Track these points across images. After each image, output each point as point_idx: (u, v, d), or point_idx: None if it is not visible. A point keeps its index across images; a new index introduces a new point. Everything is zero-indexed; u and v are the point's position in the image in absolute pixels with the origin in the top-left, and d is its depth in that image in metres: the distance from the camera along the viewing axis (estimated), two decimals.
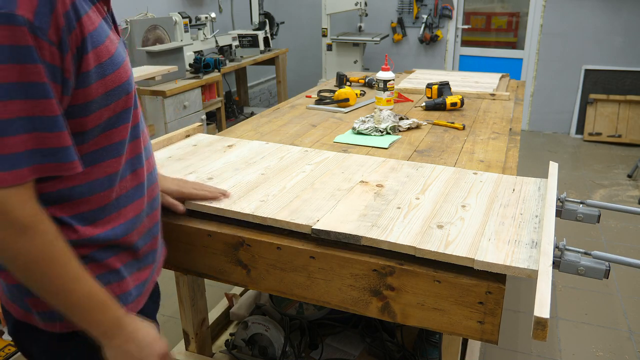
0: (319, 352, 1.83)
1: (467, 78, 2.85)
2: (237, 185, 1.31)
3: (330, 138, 1.91)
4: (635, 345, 2.31)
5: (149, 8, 4.05)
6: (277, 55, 5.03)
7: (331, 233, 1.07)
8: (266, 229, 1.15)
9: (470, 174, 1.39)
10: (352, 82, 2.90)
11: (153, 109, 3.38)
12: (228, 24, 5.30)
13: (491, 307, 0.96)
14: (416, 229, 1.07)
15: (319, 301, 1.11)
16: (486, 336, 0.99)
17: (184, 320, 1.71)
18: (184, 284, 1.65)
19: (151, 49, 3.33)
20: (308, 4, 5.96)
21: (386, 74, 2.23)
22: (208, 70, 3.87)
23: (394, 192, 1.27)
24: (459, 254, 0.97)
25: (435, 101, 2.29)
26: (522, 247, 1.00)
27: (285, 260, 1.10)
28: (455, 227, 1.08)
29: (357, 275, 1.04)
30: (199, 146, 1.63)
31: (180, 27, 3.85)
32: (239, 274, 1.17)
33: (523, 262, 0.95)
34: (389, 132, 1.94)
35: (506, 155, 1.70)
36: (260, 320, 1.79)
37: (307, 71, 6.19)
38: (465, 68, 5.57)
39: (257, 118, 2.24)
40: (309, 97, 2.61)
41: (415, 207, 1.18)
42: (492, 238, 1.03)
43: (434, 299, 1.00)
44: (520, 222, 1.11)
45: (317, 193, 1.26)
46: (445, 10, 5.37)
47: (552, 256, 0.95)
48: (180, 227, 1.19)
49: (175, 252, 1.22)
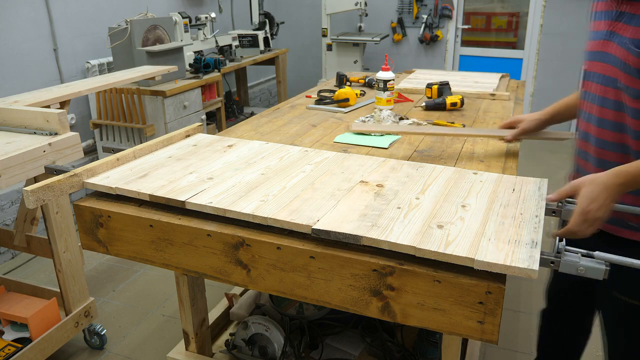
0: (319, 352, 1.83)
1: (467, 78, 2.85)
2: (237, 185, 1.31)
3: (330, 138, 1.91)
4: None
5: (149, 8, 4.05)
6: (277, 55, 5.03)
7: (331, 233, 1.07)
8: (266, 229, 1.15)
9: (471, 173, 1.39)
10: (352, 82, 2.90)
11: (153, 109, 3.38)
12: (228, 24, 5.30)
13: (491, 307, 0.96)
14: (416, 229, 1.07)
15: (319, 301, 1.11)
16: (486, 336, 0.99)
17: (184, 320, 1.71)
18: (184, 284, 1.65)
19: (151, 49, 3.33)
20: (308, 4, 5.96)
21: (386, 74, 2.23)
22: (208, 70, 3.87)
23: (394, 192, 1.27)
24: (459, 254, 0.97)
25: (435, 101, 2.29)
26: (522, 247, 1.00)
27: (285, 260, 1.10)
28: (455, 227, 1.08)
29: (357, 275, 1.04)
30: (199, 146, 1.63)
31: (180, 27, 3.85)
32: (239, 274, 1.16)
33: (523, 262, 0.95)
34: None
35: (506, 155, 1.70)
36: (260, 320, 1.79)
37: (307, 71, 6.19)
38: (465, 68, 5.57)
39: (257, 118, 2.24)
40: (309, 97, 2.61)
41: (415, 207, 1.18)
42: (492, 238, 1.03)
43: (434, 299, 1.00)
44: (520, 222, 1.11)
45: (317, 193, 1.26)
46: (445, 10, 5.37)
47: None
48: (180, 227, 1.19)
49: (175, 252, 1.22)
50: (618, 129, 1.19)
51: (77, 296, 2.14)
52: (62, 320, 2.09)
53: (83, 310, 2.17)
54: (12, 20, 3.09)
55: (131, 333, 2.44)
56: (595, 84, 1.24)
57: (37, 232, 2.26)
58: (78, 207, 1.30)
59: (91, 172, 1.37)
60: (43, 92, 2.19)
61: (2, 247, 2.59)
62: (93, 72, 3.56)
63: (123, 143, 3.49)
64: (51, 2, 3.30)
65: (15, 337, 2.04)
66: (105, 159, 1.43)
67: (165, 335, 2.42)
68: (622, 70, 1.14)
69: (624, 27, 1.13)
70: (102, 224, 1.29)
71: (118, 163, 1.46)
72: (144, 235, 1.24)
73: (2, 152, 1.61)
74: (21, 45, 3.15)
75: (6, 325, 2.09)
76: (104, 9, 3.72)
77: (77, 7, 3.51)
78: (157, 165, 1.46)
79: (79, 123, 3.60)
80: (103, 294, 2.75)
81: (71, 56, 3.49)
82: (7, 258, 3.10)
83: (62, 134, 1.79)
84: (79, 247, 2.09)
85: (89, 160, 3.60)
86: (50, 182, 1.26)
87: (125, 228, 1.26)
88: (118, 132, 3.50)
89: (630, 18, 1.12)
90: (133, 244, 1.27)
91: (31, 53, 3.22)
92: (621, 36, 1.14)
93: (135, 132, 3.46)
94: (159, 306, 2.65)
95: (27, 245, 2.23)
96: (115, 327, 2.47)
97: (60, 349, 2.12)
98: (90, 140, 3.68)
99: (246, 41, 4.76)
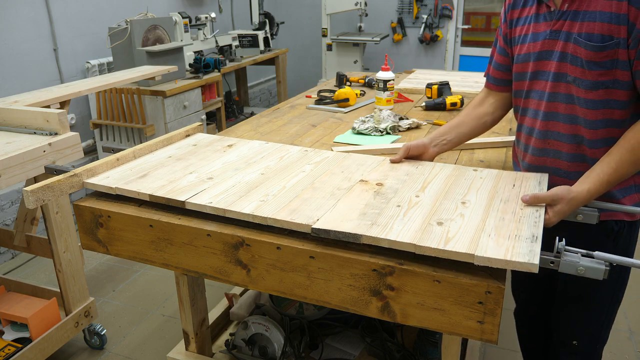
0: (319, 352, 1.83)
1: (467, 78, 2.85)
2: (237, 185, 1.31)
3: (330, 138, 1.91)
4: (635, 345, 2.31)
5: (149, 8, 4.05)
6: (277, 55, 5.03)
7: (331, 232, 1.07)
8: (266, 229, 1.15)
9: (470, 170, 1.39)
10: (352, 82, 2.90)
11: (153, 109, 3.38)
12: (228, 24, 5.30)
13: (491, 307, 0.96)
14: (416, 227, 1.07)
15: (319, 301, 1.11)
16: (486, 336, 0.99)
17: (184, 320, 1.71)
18: (184, 284, 1.65)
19: (151, 49, 3.33)
20: (308, 4, 5.96)
21: (386, 74, 2.23)
22: (208, 70, 3.87)
23: (394, 190, 1.27)
24: (459, 250, 0.97)
25: (435, 101, 2.29)
26: (523, 242, 1.00)
27: (285, 260, 1.10)
28: (455, 223, 1.08)
29: (356, 275, 1.04)
30: (199, 146, 1.63)
31: (180, 27, 3.85)
32: (238, 273, 1.16)
33: (523, 256, 0.95)
34: (389, 132, 1.94)
35: (506, 155, 1.70)
36: (260, 320, 1.79)
37: (307, 71, 6.19)
38: (465, 68, 5.57)
39: (257, 118, 2.24)
40: (309, 97, 2.61)
41: (415, 205, 1.18)
42: (492, 234, 1.03)
43: (433, 299, 1.00)
44: (520, 217, 1.11)
45: (316, 192, 1.26)
46: (445, 10, 5.37)
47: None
48: (180, 227, 1.19)
49: (175, 252, 1.22)
50: (570, 121, 1.27)
51: (77, 296, 2.15)
52: (62, 320, 2.09)
53: (83, 310, 2.17)
54: (12, 20, 3.09)
55: (131, 333, 2.44)
56: (544, 81, 1.31)
57: (37, 232, 2.26)
58: (78, 207, 1.30)
59: (91, 172, 1.37)
60: (43, 92, 2.19)
61: (2, 247, 2.59)
62: (93, 72, 3.56)
63: (123, 143, 3.49)
64: (51, 2, 3.30)
65: (15, 337, 2.04)
66: (105, 159, 1.43)
67: (165, 335, 2.42)
68: (572, 64, 1.22)
69: (570, 24, 1.22)
70: (102, 224, 1.29)
71: (118, 163, 1.46)
72: (144, 235, 1.24)
73: (2, 152, 1.61)
74: (21, 45, 3.15)
75: (6, 325, 2.09)
76: (104, 9, 3.72)
77: (77, 7, 3.51)
78: (157, 165, 1.46)
79: (79, 123, 3.60)
80: (103, 294, 2.75)
81: (71, 56, 3.49)
82: (7, 258, 3.10)
83: (62, 134, 1.79)
84: (79, 247, 2.10)
85: (89, 160, 3.60)
86: (50, 182, 1.26)
87: (125, 228, 1.26)
88: (118, 132, 3.50)
89: (574, 15, 1.21)
90: (133, 244, 1.27)
91: (31, 53, 3.22)
92: (567, 33, 1.22)
93: (135, 132, 3.46)
94: (159, 306, 2.65)
95: (27, 245, 2.23)
96: (115, 327, 2.47)
97: (60, 349, 2.12)
98: (90, 140, 3.68)
99: (246, 41, 4.76)
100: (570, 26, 1.21)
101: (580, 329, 1.46)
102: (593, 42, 1.16)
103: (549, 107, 1.30)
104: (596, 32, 1.16)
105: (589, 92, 1.21)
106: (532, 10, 1.33)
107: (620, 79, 1.17)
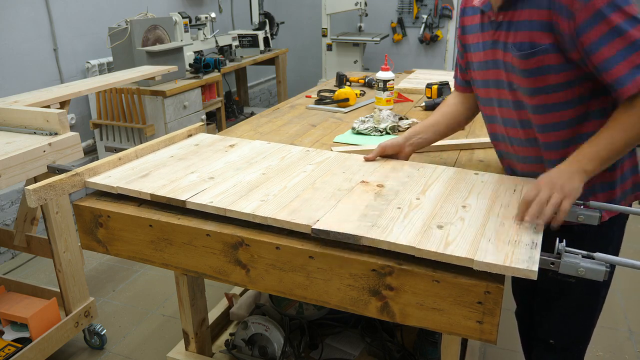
0: (318, 352, 1.84)
1: None
2: (237, 184, 1.31)
3: (330, 138, 1.91)
4: (635, 345, 2.31)
5: (149, 8, 4.05)
6: (277, 55, 5.03)
7: (331, 233, 1.07)
8: (265, 229, 1.15)
9: (472, 174, 1.39)
10: (352, 82, 2.90)
11: (153, 109, 3.38)
12: (228, 24, 5.30)
13: (490, 307, 0.96)
14: (416, 229, 1.07)
15: (318, 301, 1.11)
16: (485, 336, 0.99)
17: (184, 320, 1.71)
18: (184, 284, 1.66)
19: (151, 49, 3.33)
20: (308, 4, 5.96)
21: (386, 74, 2.23)
22: (208, 70, 3.87)
23: (395, 192, 1.27)
24: (459, 254, 0.97)
25: (435, 101, 2.29)
26: (522, 248, 1.00)
27: (284, 260, 1.10)
28: (455, 227, 1.08)
29: (356, 275, 1.04)
30: (201, 146, 1.63)
31: (180, 27, 3.86)
32: (238, 273, 1.17)
33: (522, 262, 0.95)
34: (389, 132, 1.94)
35: None
36: (260, 320, 1.79)
37: (307, 71, 6.20)
38: None
39: (257, 118, 2.24)
40: (309, 97, 2.62)
41: (416, 208, 1.18)
42: (492, 238, 1.04)
43: (432, 299, 1.00)
44: (520, 223, 1.11)
45: (317, 193, 1.26)
46: (445, 10, 5.37)
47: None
48: (180, 227, 1.19)
49: (175, 252, 1.22)
50: (524, 126, 1.29)
51: (77, 296, 2.15)
52: (62, 320, 2.09)
53: (83, 310, 2.17)
54: (12, 20, 3.09)
55: (131, 333, 2.44)
56: (493, 89, 1.34)
57: (37, 232, 2.26)
58: (78, 207, 1.30)
59: (93, 172, 1.37)
60: (43, 92, 2.19)
61: (2, 247, 2.59)
62: (93, 72, 3.56)
63: (123, 143, 3.49)
64: (51, 2, 3.30)
65: (15, 337, 2.04)
66: (107, 158, 1.44)
67: (165, 335, 2.42)
68: (512, 72, 1.25)
69: (505, 34, 1.25)
70: (101, 224, 1.29)
71: (120, 162, 1.46)
72: (144, 235, 1.24)
73: (2, 152, 1.61)
74: (21, 45, 3.15)
75: (6, 325, 2.09)
76: (104, 9, 3.72)
77: (77, 7, 3.51)
78: (158, 165, 1.46)
79: (79, 123, 3.60)
80: (103, 294, 2.75)
81: (71, 56, 3.49)
82: (7, 258, 3.10)
83: (62, 134, 1.79)
84: (79, 247, 2.10)
85: (89, 160, 3.60)
86: (52, 181, 1.26)
87: (125, 228, 1.26)
88: (118, 132, 3.50)
89: (508, 25, 1.23)
90: (133, 243, 1.27)
91: (31, 53, 3.22)
92: (504, 42, 1.25)
93: (135, 132, 3.46)
94: (159, 306, 2.65)
95: (27, 245, 2.23)
96: (115, 327, 2.48)
97: (60, 349, 2.12)
98: (90, 140, 3.68)
99: (246, 41, 4.76)
100: (506, 36, 1.24)
101: (558, 327, 1.46)
102: (523, 50, 1.19)
103: (503, 113, 1.33)
104: (526, 40, 1.19)
105: (532, 98, 1.23)
106: (476, 19, 1.36)
107: (553, 83, 1.19)
